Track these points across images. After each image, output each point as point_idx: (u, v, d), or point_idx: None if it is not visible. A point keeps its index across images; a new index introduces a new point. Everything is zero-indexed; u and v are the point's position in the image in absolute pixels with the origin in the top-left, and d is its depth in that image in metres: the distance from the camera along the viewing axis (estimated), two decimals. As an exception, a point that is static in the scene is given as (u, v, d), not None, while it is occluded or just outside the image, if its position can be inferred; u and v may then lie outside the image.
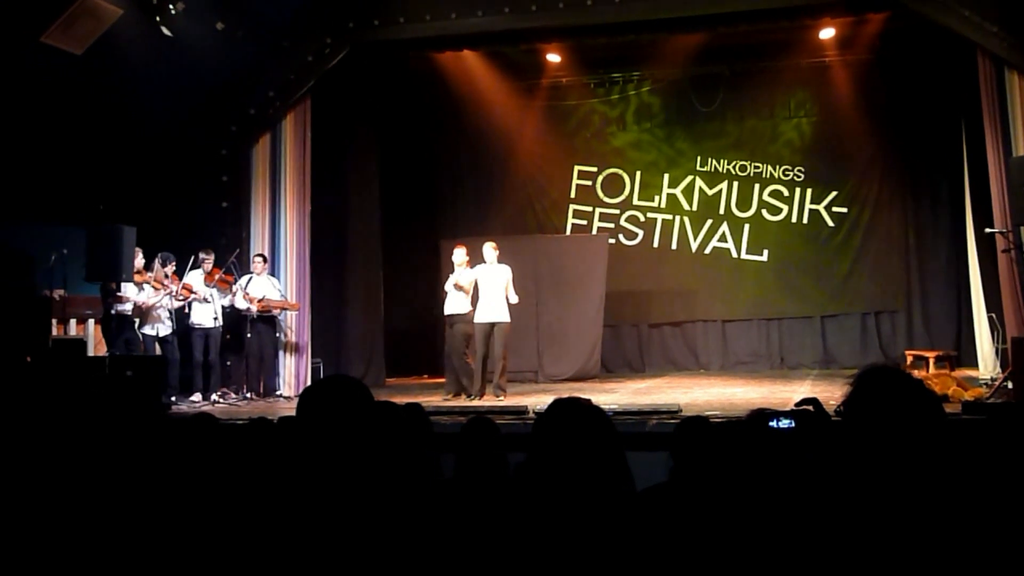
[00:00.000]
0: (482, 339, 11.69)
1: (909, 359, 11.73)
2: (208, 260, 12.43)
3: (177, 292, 11.93)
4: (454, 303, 11.97)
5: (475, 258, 12.01)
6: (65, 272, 10.80)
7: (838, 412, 3.57)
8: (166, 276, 11.86)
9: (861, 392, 2.92)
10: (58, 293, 10.90)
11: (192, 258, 12.22)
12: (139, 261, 11.56)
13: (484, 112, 16.54)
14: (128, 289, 11.36)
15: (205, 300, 12.32)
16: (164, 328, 11.89)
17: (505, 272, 11.82)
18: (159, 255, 11.83)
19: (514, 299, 11.82)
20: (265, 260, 12.97)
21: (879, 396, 2.91)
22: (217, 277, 12.34)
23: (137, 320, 11.65)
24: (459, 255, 12.04)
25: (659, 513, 3.12)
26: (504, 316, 11.71)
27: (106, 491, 3.41)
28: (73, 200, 11.84)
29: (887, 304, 15.87)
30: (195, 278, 12.28)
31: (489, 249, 11.91)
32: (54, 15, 10.60)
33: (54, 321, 10.89)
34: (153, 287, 11.67)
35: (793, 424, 4.06)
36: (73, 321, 11.95)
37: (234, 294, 12.53)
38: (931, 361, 11.11)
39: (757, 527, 3.05)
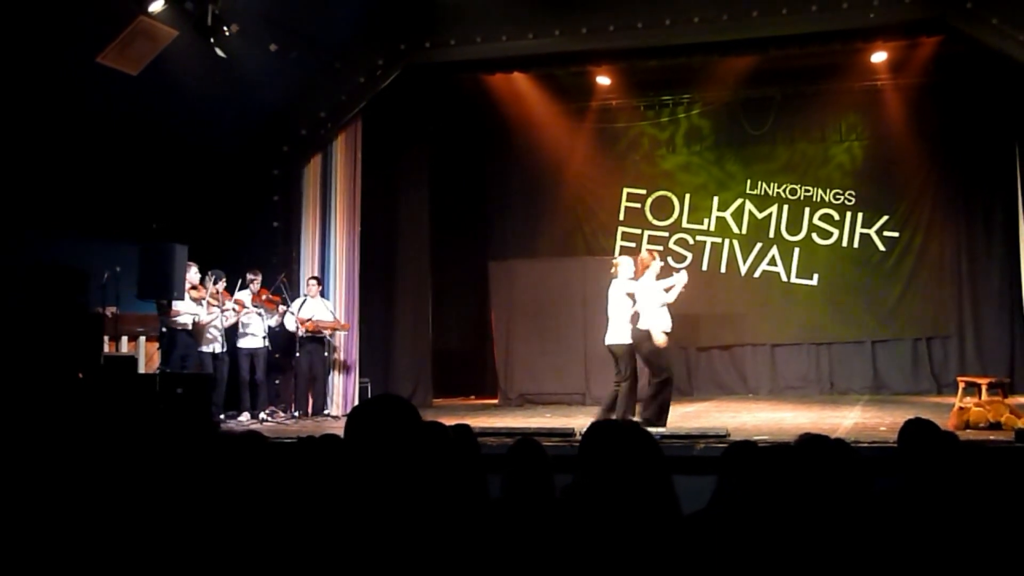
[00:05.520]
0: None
1: (961, 385, 11.59)
2: (256, 280, 12.52)
3: (230, 308, 12.03)
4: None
5: (524, 277, 11.78)
6: (118, 289, 10.89)
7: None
8: (218, 292, 11.97)
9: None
10: (110, 310, 10.99)
11: (240, 280, 12.33)
12: (194, 276, 11.66)
13: (534, 134, 16.59)
14: (185, 305, 11.46)
15: (259, 314, 12.41)
16: (217, 346, 11.99)
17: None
18: (210, 272, 11.93)
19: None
20: (319, 282, 13.06)
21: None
22: (264, 297, 12.43)
23: (192, 337, 11.75)
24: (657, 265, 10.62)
25: (703, 538, 3.10)
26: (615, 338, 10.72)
27: (154, 507, 3.45)
28: (127, 217, 11.97)
29: (939, 329, 15.72)
30: (244, 297, 12.38)
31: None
32: (110, 36, 10.75)
33: (106, 338, 10.98)
34: (209, 303, 11.78)
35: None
36: (125, 338, 12.05)
37: (281, 315, 12.61)
38: (983, 388, 10.95)
39: (806, 555, 3.03)
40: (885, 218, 15.96)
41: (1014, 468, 7.07)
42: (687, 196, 16.88)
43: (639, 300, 10.45)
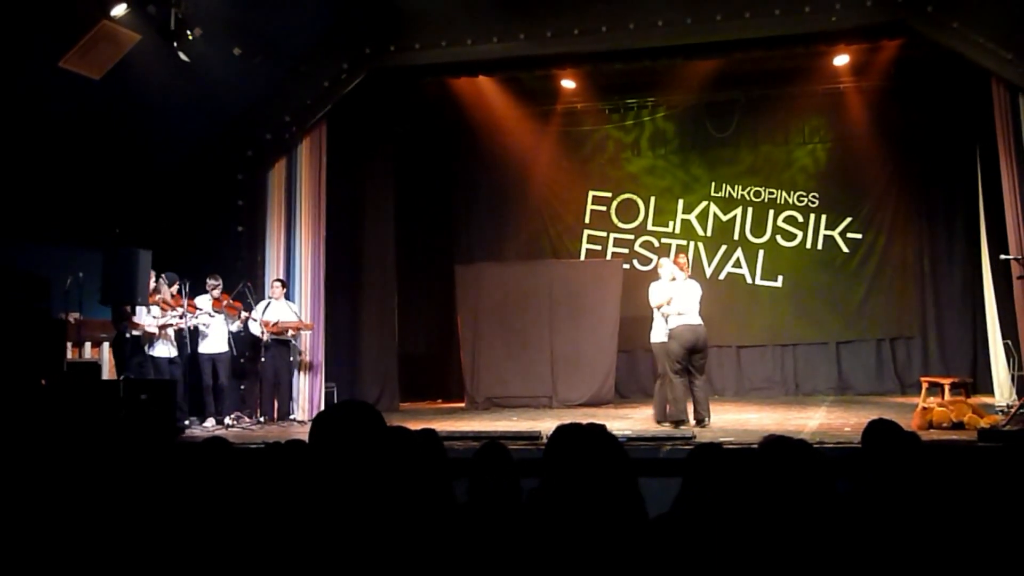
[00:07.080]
0: None
1: (924, 385, 11.67)
2: (216, 286, 12.43)
3: (184, 311, 11.90)
4: None
5: (490, 280, 11.86)
6: (81, 295, 10.81)
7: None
8: (171, 297, 11.84)
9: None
10: (73, 316, 10.91)
11: (190, 284, 12.15)
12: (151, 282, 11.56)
13: (499, 137, 16.58)
14: (139, 311, 11.36)
15: (209, 315, 12.30)
16: (172, 349, 11.88)
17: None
18: (162, 275, 11.77)
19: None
20: (284, 285, 13.00)
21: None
22: (225, 303, 12.35)
23: (147, 343, 11.65)
24: None
25: (669, 540, 3.11)
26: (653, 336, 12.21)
27: (119, 513, 3.42)
28: (90, 223, 11.88)
29: (902, 330, 15.82)
30: (203, 303, 12.29)
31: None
32: (73, 40, 10.67)
33: (69, 344, 10.89)
34: (161, 308, 11.66)
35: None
36: (88, 344, 11.95)
37: (243, 320, 12.54)
38: (946, 388, 11.04)
39: (771, 556, 3.04)
40: (848, 220, 16.05)
41: (977, 468, 7.13)
42: (652, 199, 16.92)
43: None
